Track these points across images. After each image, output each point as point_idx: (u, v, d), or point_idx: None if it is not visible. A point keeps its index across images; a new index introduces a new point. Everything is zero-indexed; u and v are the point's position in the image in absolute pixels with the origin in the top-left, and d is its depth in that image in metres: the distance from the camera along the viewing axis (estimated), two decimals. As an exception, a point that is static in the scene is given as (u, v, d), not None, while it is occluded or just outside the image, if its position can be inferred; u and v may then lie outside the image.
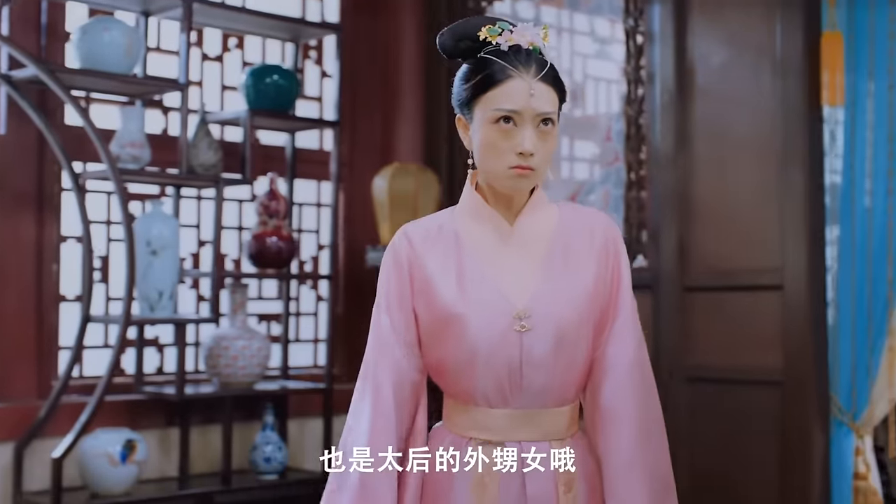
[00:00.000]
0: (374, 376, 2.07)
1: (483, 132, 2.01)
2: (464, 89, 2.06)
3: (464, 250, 2.08)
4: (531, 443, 2.06)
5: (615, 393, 2.09)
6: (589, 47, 4.54)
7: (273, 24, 4.23)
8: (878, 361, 3.56)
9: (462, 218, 2.12)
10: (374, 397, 2.06)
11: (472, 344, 2.02)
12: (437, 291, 2.05)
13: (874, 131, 3.60)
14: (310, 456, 4.35)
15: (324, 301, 4.70)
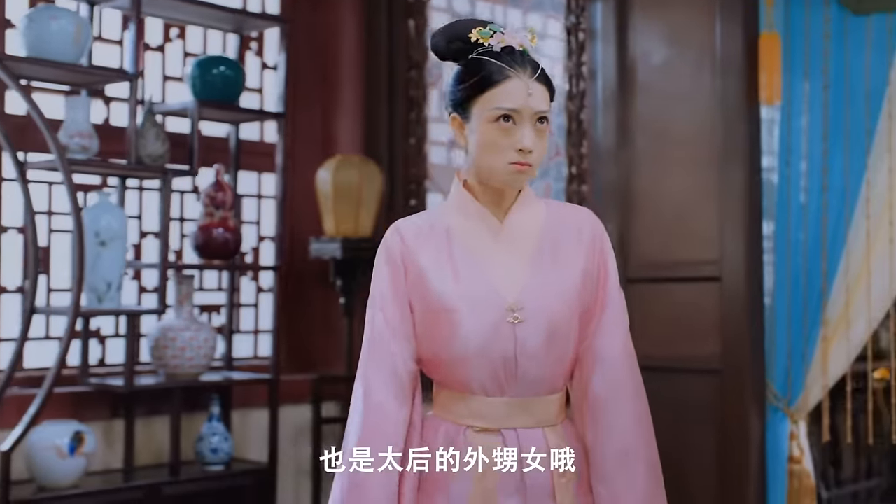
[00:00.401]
0: (366, 376, 2.12)
1: (483, 130, 2.07)
2: (460, 89, 2.10)
3: (455, 246, 2.14)
4: (526, 429, 2.12)
5: (607, 383, 2.16)
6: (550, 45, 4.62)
7: (216, 15, 4.22)
8: (812, 350, 3.72)
9: (452, 215, 2.17)
10: (365, 397, 2.10)
11: (466, 336, 2.09)
12: (431, 286, 2.11)
13: (809, 130, 3.74)
14: (253, 446, 4.37)
15: (264, 292, 4.71)
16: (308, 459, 4.56)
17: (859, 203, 3.64)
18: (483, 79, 2.07)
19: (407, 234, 2.15)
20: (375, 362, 2.12)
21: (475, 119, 2.08)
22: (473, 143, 2.10)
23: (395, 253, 2.14)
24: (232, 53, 4.46)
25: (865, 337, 3.66)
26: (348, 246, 4.41)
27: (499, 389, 2.12)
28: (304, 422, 4.56)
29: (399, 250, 2.14)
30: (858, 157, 3.64)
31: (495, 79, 2.06)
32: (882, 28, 3.60)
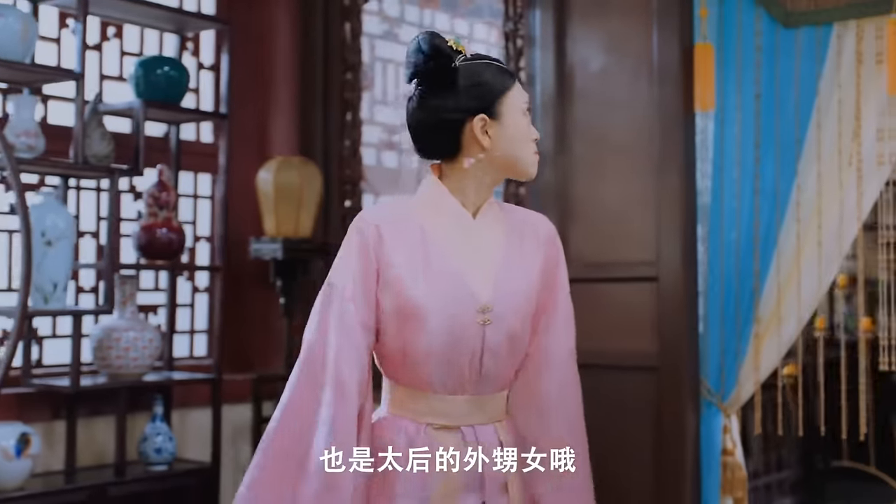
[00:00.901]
0: (338, 367, 2.09)
1: (516, 124, 2.17)
2: (489, 89, 2.16)
3: (430, 244, 2.16)
4: (481, 426, 2.20)
5: (557, 382, 2.27)
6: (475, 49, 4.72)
7: (157, 15, 4.21)
8: (745, 347, 3.89)
9: (425, 211, 2.20)
10: (338, 392, 2.08)
11: (437, 335, 2.13)
12: (403, 284, 2.13)
13: (742, 137, 3.92)
14: (192, 446, 4.37)
15: (200, 292, 4.72)
16: (246, 459, 4.57)
17: (790, 207, 3.83)
18: (508, 75, 2.19)
19: (383, 228, 2.15)
20: (346, 353, 2.10)
21: (507, 114, 2.16)
22: (505, 137, 2.16)
23: (368, 246, 2.13)
24: (169, 53, 4.46)
25: (795, 334, 3.85)
26: (289, 246, 4.44)
27: (460, 388, 2.17)
28: (242, 421, 4.58)
29: (374, 243, 2.14)
30: (789, 163, 3.83)
31: (512, 76, 2.20)
32: (811, 41, 3.80)
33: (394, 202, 2.30)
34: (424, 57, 2.15)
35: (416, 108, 2.18)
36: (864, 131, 3.70)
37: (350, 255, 2.14)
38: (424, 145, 2.21)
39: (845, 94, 3.73)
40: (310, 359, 2.13)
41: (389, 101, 4.95)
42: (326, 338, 2.11)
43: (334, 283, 2.14)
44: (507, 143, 2.16)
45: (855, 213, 3.72)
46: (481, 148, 2.16)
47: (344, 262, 2.15)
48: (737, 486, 3.92)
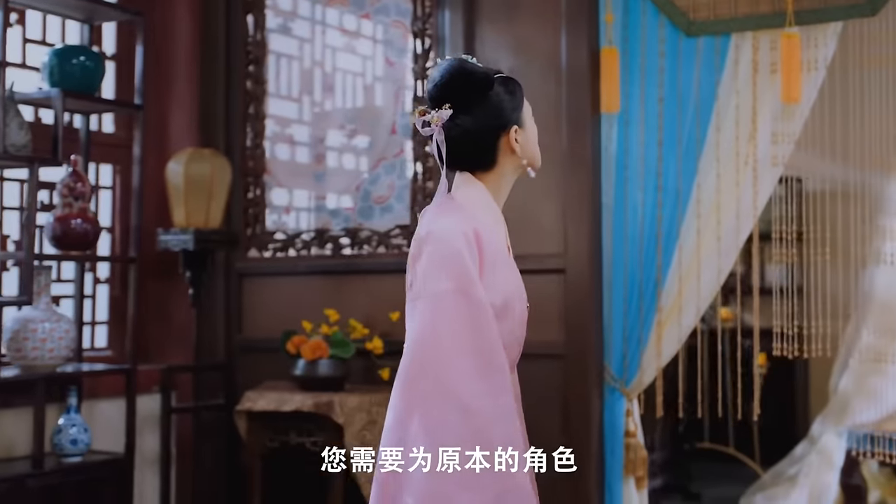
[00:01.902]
0: (501, 359, 2.15)
1: (532, 126, 2.42)
2: (516, 105, 2.38)
3: (499, 243, 2.31)
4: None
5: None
6: (365, 45, 4.83)
7: (64, 3, 4.17)
8: (647, 335, 4.14)
9: (483, 216, 2.30)
10: (505, 383, 2.14)
11: (516, 321, 2.31)
12: (499, 278, 2.25)
13: (645, 137, 4.16)
14: (101, 436, 4.35)
15: (102, 283, 4.69)
16: (150, 449, 4.58)
17: (691, 203, 4.08)
18: (515, 82, 2.43)
19: (480, 231, 2.23)
20: (500, 346, 2.16)
21: (527, 120, 2.40)
22: (530, 141, 2.39)
23: (473, 249, 2.20)
24: (72, 41, 4.42)
25: (695, 322, 4.12)
26: (200, 237, 4.47)
27: (512, 368, 2.35)
28: (145, 412, 4.58)
29: (476, 246, 2.21)
30: (690, 163, 4.08)
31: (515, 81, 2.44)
32: (711, 49, 4.06)
33: (457, 208, 2.29)
34: (460, 82, 2.32)
35: (452, 127, 2.29)
36: (760, 135, 3.98)
37: (465, 262, 2.18)
38: (462, 159, 2.33)
39: (742, 99, 4.01)
40: (489, 363, 2.14)
41: (282, 95, 5.01)
42: (494, 341, 2.15)
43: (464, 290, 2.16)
44: (531, 146, 2.40)
45: (751, 209, 4.00)
46: (514, 155, 2.35)
47: (460, 269, 2.18)
48: (638, 465, 4.17)
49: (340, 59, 4.88)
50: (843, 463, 5.38)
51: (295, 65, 5.00)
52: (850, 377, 5.57)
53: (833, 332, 4.70)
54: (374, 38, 4.80)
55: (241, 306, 4.90)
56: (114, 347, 4.69)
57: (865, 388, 5.43)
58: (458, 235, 2.19)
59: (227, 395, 4.70)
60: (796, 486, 5.65)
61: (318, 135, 4.90)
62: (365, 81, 4.80)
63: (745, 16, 4.00)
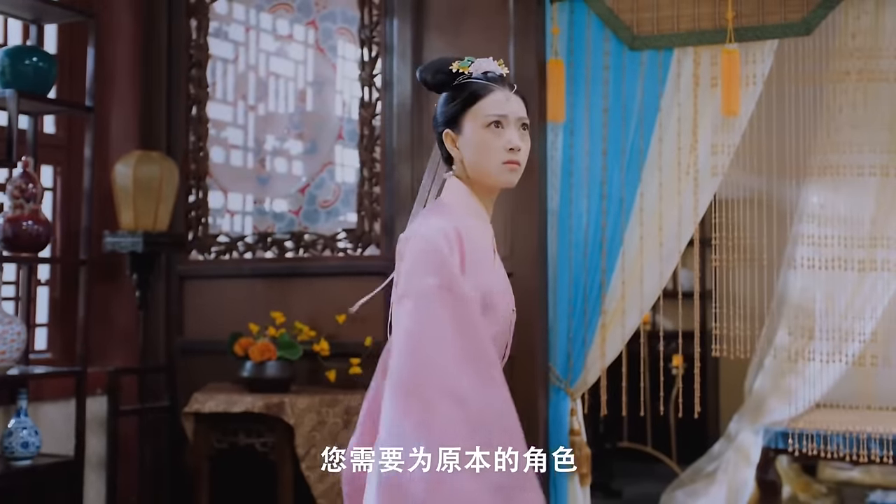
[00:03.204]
0: (491, 352, 2.21)
1: (477, 137, 2.38)
2: (452, 106, 2.42)
3: (477, 243, 2.38)
4: None
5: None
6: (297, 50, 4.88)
7: (14, 2, 4.14)
8: (592, 336, 4.29)
9: (465, 216, 2.39)
10: (500, 377, 2.21)
11: (500, 322, 2.38)
12: (481, 278, 2.33)
13: (590, 146, 4.31)
14: (48, 439, 4.32)
15: (42, 285, 4.65)
16: (94, 452, 4.57)
17: (634, 211, 4.24)
18: (472, 94, 2.40)
19: (461, 231, 2.31)
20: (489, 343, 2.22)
21: (468, 129, 2.39)
22: (469, 150, 2.39)
23: (454, 247, 2.27)
24: (14, 41, 4.38)
25: (637, 323, 4.28)
26: (149, 240, 4.47)
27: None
28: (90, 414, 4.54)
29: (458, 245, 2.28)
30: (633, 171, 4.25)
31: (482, 93, 2.40)
32: (654, 63, 4.23)
33: (438, 211, 2.39)
34: (428, 76, 2.46)
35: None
36: (701, 145, 4.17)
37: (446, 259, 2.25)
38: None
39: (684, 111, 4.19)
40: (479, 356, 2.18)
41: (218, 98, 5.03)
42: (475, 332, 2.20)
43: (448, 286, 2.22)
44: (471, 155, 2.40)
45: (692, 217, 4.19)
46: (457, 159, 2.42)
47: (439, 263, 2.25)
48: (583, 463, 4.31)
49: (282, 65, 4.92)
50: (759, 459, 5.60)
51: (231, 68, 5.02)
52: (765, 377, 5.81)
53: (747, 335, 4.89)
54: (317, 44, 4.85)
55: (182, 309, 4.91)
56: (54, 350, 4.65)
57: (781, 387, 5.66)
58: (439, 234, 2.27)
59: (170, 397, 4.71)
60: (714, 482, 5.87)
61: (260, 139, 4.94)
62: (308, 87, 4.86)
63: (686, 31, 4.18)
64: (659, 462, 6.61)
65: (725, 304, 4.45)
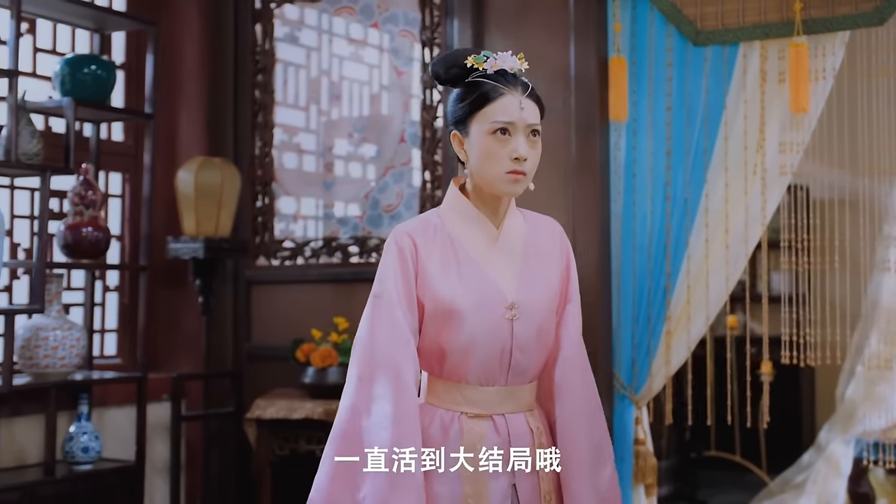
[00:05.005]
0: (395, 367, 2.26)
1: (482, 143, 2.31)
2: (460, 108, 2.34)
3: (459, 249, 2.36)
4: (512, 414, 2.38)
5: (562, 370, 2.45)
6: (372, 55, 4.84)
7: (76, 12, 4.18)
8: (657, 343, 4.15)
9: (452, 220, 2.39)
10: (397, 387, 2.25)
11: (471, 332, 2.32)
12: (439, 287, 2.32)
13: (654, 146, 4.17)
14: (110, 444, 4.36)
15: (111, 291, 4.71)
16: (160, 457, 4.60)
17: (699, 212, 4.09)
18: (480, 96, 2.31)
19: (418, 239, 2.35)
20: (404, 355, 2.28)
21: (474, 133, 2.32)
22: (473, 155, 2.33)
23: (406, 255, 2.33)
24: (82, 50, 4.44)
25: (704, 330, 4.13)
26: (210, 246, 4.49)
27: (493, 379, 2.36)
28: (154, 420, 4.59)
29: (410, 252, 2.33)
30: (698, 172, 4.10)
31: (491, 96, 2.31)
32: (719, 58, 4.07)
33: (423, 214, 2.44)
34: (441, 69, 2.38)
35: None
36: (768, 144, 4.00)
37: (392, 266, 2.32)
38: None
39: (750, 109, 4.02)
40: (366, 363, 2.29)
41: (290, 104, 5.02)
42: (380, 341, 2.28)
43: (381, 292, 2.32)
44: (475, 160, 2.34)
45: (759, 218, 4.02)
46: (464, 161, 2.37)
47: (386, 272, 2.32)
48: (648, 473, 4.18)
49: (348, 68, 4.90)
50: (850, 471, 5.38)
51: (303, 74, 5.01)
52: (857, 385, 5.59)
53: (840, 340, 4.70)
54: (381, 47, 4.81)
55: (249, 314, 4.91)
56: (123, 355, 4.71)
57: (873, 396, 5.44)
58: (392, 243, 2.33)
59: (236, 403, 4.71)
60: (804, 493, 5.66)
61: (327, 143, 4.92)
62: (373, 90, 4.82)
63: (753, 25, 4.01)
64: (748, 472, 6.39)
65: (817, 308, 4.28)
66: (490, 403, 2.37)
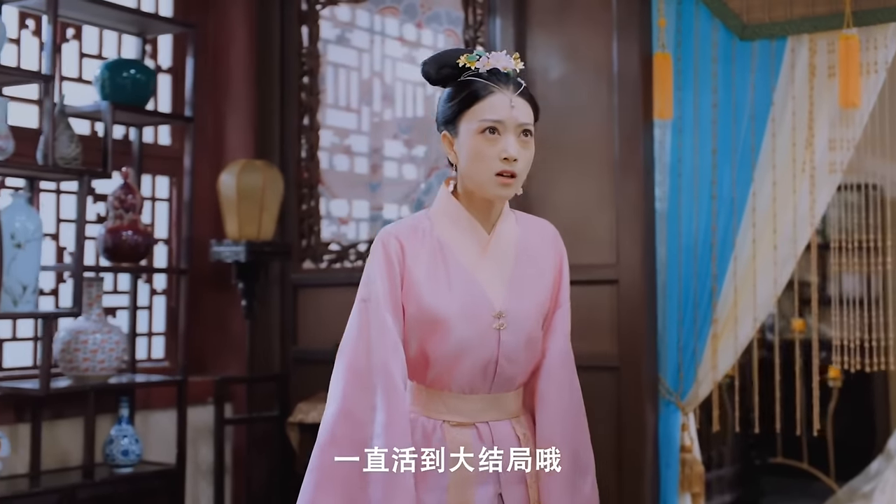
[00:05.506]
0: (388, 375, 2.19)
1: (470, 143, 2.23)
2: (449, 107, 2.27)
3: (448, 255, 2.27)
4: (497, 422, 2.30)
5: (545, 378, 2.36)
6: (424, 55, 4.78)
7: (119, 17, 4.21)
8: (703, 347, 4.03)
9: (442, 224, 2.30)
10: (390, 397, 2.18)
11: (457, 341, 2.24)
12: (425, 293, 2.24)
13: (699, 144, 4.05)
14: (154, 447, 4.37)
15: (158, 295, 4.72)
16: (205, 460, 4.60)
17: (746, 212, 3.96)
18: (469, 95, 2.24)
19: (405, 243, 2.26)
20: (396, 363, 2.21)
21: (463, 133, 2.24)
22: (462, 156, 2.25)
23: (392, 259, 2.25)
24: (128, 55, 4.46)
25: (751, 334, 3.99)
26: (252, 249, 4.47)
27: (477, 388, 2.28)
28: (200, 423, 4.59)
29: (397, 256, 2.25)
30: (745, 170, 3.97)
31: (480, 94, 2.23)
32: (766, 53, 3.94)
33: (414, 216, 2.37)
34: (428, 78, 2.32)
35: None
36: (817, 140, 3.85)
37: (378, 269, 2.25)
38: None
39: (799, 105, 3.88)
40: (356, 369, 2.21)
41: (341, 106, 4.99)
42: (371, 346, 2.21)
43: (368, 297, 2.25)
44: (464, 161, 2.26)
45: (808, 218, 3.87)
46: (455, 163, 2.29)
47: (372, 276, 2.25)
48: (695, 481, 4.05)
49: (397, 69, 4.85)
50: (920, 480, 5.19)
51: (354, 75, 4.98)
52: (927, 391, 5.40)
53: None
54: (434, 47, 4.75)
55: (295, 318, 4.89)
56: (170, 358, 4.72)
57: (943, 403, 5.25)
58: (379, 245, 2.26)
59: (281, 407, 4.69)
60: (871, 502, 5.47)
61: (374, 145, 4.88)
62: (421, 91, 4.76)
63: (801, 17, 3.87)
64: (815, 479, 6.19)
65: (889, 311, 4.12)
66: (473, 412, 2.29)
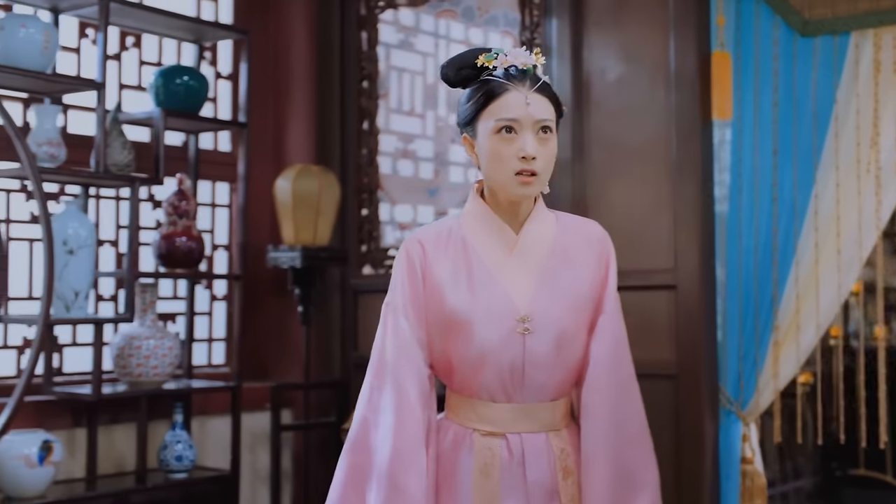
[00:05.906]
0: (396, 377, 2.19)
1: (488, 143, 2.19)
2: (466, 108, 2.24)
3: (472, 256, 2.24)
4: (531, 434, 2.23)
5: (589, 388, 2.28)
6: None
7: (176, 24, 4.23)
8: (764, 354, 3.89)
9: (469, 225, 2.27)
10: (398, 398, 2.18)
11: (479, 345, 2.19)
12: (447, 296, 2.21)
13: (760, 145, 3.92)
14: (211, 453, 4.38)
15: (218, 300, 4.74)
16: (264, 466, 4.60)
17: (808, 215, 3.82)
18: (485, 95, 2.20)
19: (428, 246, 2.25)
20: (406, 366, 2.20)
21: (481, 134, 2.21)
22: (482, 157, 2.22)
23: (415, 262, 2.24)
24: (187, 62, 4.49)
25: (814, 342, 3.84)
26: (308, 254, 4.46)
27: (505, 396, 2.22)
28: (259, 429, 4.59)
29: (419, 260, 2.24)
30: (807, 172, 3.83)
31: (496, 93, 2.19)
32: (829, 50, 3.80)
33: (445, 218, 2.36)
34: (447, 81, 2.30)
35: None
36: (883, 140, 3.70)
37: (401, 274, 2.25)
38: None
39: (863, 102, 3.73)
40: (372, 370, 2.25)
41: (404, 110, 4.96)
42: (385, 351, 2.22)
43: (390, 301, 2.26)
44: (484, 163, 2.23)
45: (873, 221, 3.71)
46: (478, 165, 2.26)
47: (396, 280, 2.26)
48: (756, 493, 3.92)
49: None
50: None
51: (418, 79, 4.95)
52: None
53: None
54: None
55: (356, 323, 4.86)
56: (231, 364, 4.73)
57: None
58: (403, 249, 2.26)
59: (339, 413, 4.67)
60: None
61: (438, 149, 4.83)
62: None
63: (865, 12, 3.72)
64: (898, 492, 5.98)
65: None
66: (504, 421, 2.24)
